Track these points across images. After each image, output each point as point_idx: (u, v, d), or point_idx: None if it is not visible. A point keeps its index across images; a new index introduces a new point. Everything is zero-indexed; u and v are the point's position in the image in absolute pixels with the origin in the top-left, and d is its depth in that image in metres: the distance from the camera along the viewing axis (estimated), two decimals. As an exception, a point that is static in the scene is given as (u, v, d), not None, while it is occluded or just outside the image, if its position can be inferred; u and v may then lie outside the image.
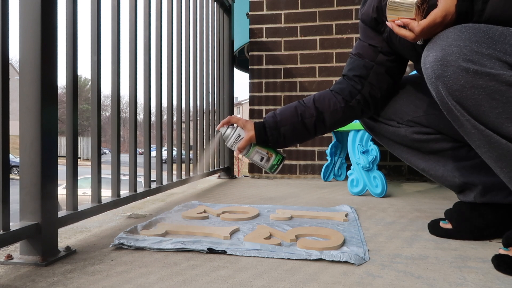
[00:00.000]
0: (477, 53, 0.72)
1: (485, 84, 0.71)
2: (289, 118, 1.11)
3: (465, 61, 0.73)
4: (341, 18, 2.41)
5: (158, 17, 1.51)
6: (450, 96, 0.76)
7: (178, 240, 0.93)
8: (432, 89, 0.80)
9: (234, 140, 1.11)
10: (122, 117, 1.24)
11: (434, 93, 0.80)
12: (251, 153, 1.12)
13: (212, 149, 1.25)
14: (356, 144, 1.70)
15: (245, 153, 1.12)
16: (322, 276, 0.74)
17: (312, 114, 1.11)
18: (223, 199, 1.61)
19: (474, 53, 0.73)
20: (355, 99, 1.11)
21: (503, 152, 0.73)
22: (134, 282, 0.71)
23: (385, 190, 1.67)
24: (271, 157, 1.11)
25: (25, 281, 0.71)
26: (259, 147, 1.11)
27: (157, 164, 1.51)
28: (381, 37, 1.10)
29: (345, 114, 1.13)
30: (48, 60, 0.82)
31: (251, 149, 1.11)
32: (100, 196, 1.09)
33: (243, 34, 2.81)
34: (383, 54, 1.10)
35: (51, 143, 0.83)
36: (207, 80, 2.11)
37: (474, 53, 0.73)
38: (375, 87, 1.11)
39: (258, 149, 1.11)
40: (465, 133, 0.79)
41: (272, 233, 1.00)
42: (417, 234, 1.06)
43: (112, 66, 1.19)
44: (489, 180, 1.00)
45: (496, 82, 0.70)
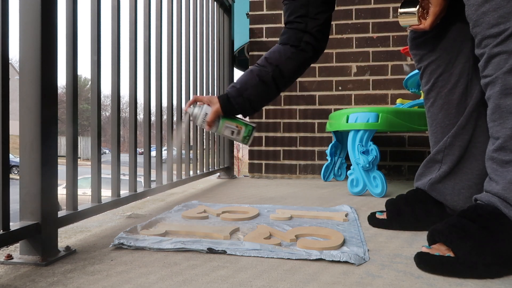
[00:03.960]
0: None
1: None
2: (248, 81, 1.13)
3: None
4: (341, 18, 2.41)
5: (158, 17, 1.51)
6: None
7: (178, 240, 0.93)
8: None
9: (202, 118, 1.12)
10: (122, 117, 1.24)
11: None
12: (221, 128, 1.13)
13: (181, 132, 1.27)
14: (356, 144, 1.70)
15: (215, 129, 1.13)
16: (322, 276, 0.74)
17: (267, 70, 1.13)
18: (223, 199, 1.61)
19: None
20: (303, 41, 1.13)
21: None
22: (134, 282, 0.71)
23: (385, 190, 1.67)
24: (240, 129, 1.12)
25: (25, 281, 0.71)
26: (227, 121, 1.12)
27: (157, 164, 1.51)
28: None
29: (299, 60, 1.14)
30: (48, 60, 0.82)
31: (220, 124, 1.12)
32: (100, 196, 1.09)
33: (243, 34, 2.81)
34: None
35: (51, 143, 0.83)
36: (207, 80, 2.11)
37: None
38: (317, 20, 1.13)
39: (227, 124, 1.12)
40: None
41: (272, 233, 1.00)
42: (417, 234, 1.06)
43: (112, 66, 1.19)
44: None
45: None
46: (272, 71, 1.12)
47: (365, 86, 2.39)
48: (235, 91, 1.12)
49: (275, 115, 2.50)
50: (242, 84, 1.13)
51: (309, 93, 2.46)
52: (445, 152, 1.09)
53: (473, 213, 0.82)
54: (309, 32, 1.13)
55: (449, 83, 1.09)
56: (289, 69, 1.14)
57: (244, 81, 1.14)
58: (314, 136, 2.45)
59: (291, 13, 1.15)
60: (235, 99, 1.12)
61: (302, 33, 1.13)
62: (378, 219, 1.14)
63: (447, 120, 1.10)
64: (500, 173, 0.81)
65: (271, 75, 1.12)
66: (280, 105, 2.49)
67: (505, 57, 0.79)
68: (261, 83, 1.12)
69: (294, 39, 1.13)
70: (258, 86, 1.12)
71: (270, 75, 1.12)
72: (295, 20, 1.14)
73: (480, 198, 0.85)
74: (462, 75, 1.08)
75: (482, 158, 0.97)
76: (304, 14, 1.12)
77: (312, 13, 1.12)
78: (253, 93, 1.12)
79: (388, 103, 2.36)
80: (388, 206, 1.16)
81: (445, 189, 1.08)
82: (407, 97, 2.27)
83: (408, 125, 1.76)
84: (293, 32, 1.14)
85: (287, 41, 1.15)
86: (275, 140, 2.50)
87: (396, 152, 2.37)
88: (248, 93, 1.12)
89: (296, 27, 1.14)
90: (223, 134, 1.15)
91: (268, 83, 1.13)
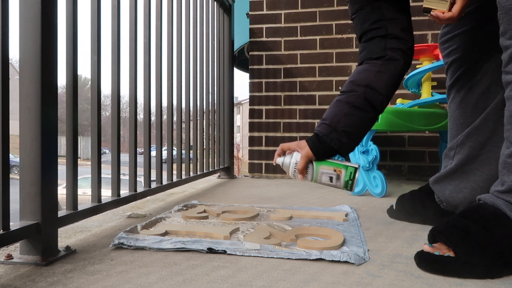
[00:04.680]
0: None
1: None
2: (338, 112, 0.98)
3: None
4: (341, 18, 2.41)
5: (158, 17, 1.51)
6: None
7: (178, 239, 0.93)
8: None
9: (293, 168, 0.99)
10: (122, 117, 1.24)
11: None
12: (317, 176, 0.98)
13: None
14: (356, 144, 1.70)
15: (310, 177, 0.99)
16: (322, 276, 0.74)
17: (357, 94, 0.98)
18: (223, 199, 1.61)
19: None
20: (388, 49, 0.98)
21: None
22: (134, 282, 0.71)
23: (385, 190, 1.67)
24: (340, 173, 0.97)
25: (25, 280, 0.71)
26: (322, 165, 0.98)
27: (157, 164, 1.51)
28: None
29: (391, 70, 0.99)
30: (48, 60, 0.82)
31: (314, 171, 0.98)
32: (100, 196, 1.09)
33: (243, 34, 2.81)
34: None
35: (51, 143, 0.83)
36: (207, 80, 2.11)
37: None
38: (397, 19, 0.99)
39: (322, 169, 0.97)
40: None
41: (272, 233, 1.00)
42: (417, 234, 1.06)
43: (112, 66, 1.19)
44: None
45: None
46: (363, 91, 0.97)
47: (365, 86, 2.39)
48: (325, 128, 0.98)
49: (275, 115, 2.50)
50: (332, 117, 0.98)
51: (309, 93, 2.45)
52: (456, 150, 1.09)
53: (475, 213, 0.82)
54: (391, 36, 0.98)
55: (470, 81, 1.07)
56: (383, 84, 0.98)
57: (333, 113, 0.99)
58: (314, 136, 2.45)
59: (364, 21, 1.01)
60: (328, 136, 0.98)
61: (384, 40, 0.98)
62: (392, 209, 1.26)
63: (461, 119, 1.09)
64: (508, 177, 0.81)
65: (363, 96, 0.97)
66: (280, 105, 2.49)
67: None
68: (354, 109, 0.97)
69: (376, 50, 0.99)
70: (351, 115, 0.97)
71: (362, 97, 0.97)
72: (371, 27, 0.99)
73: (484, 198, 0.84)
74: (485, 75, 1.04)
75: (496, 163, 0.90)
76: (380, 18, 0.99)
77: (389, 15, 0.99)
78: (347, 123, 0.97)
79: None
80: (398, 199, 1.25)
81: (448, 184, 1.09)
82: (407, 97, 2.27)
83: (408, 125, 1.76)
84: (373, 43, 1.00)
85: (369, 55, 1.00)
86: (275, 140, 2.50)
87: (396, 152, 2.37)
88: (342, 125, 0.97)
89: (374, 35, 1.00)
90: (320, 182, 0.99)
91: (362, 107, 0.97)
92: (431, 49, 1.96)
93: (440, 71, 2.25)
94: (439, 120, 1.87)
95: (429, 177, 2.36)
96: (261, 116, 2.52)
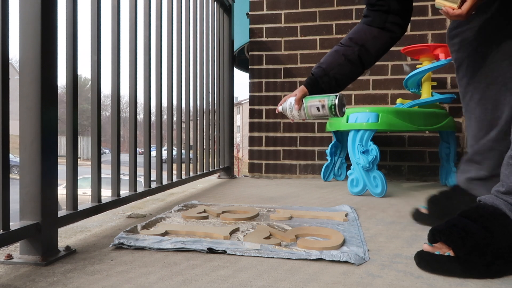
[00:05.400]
0: None
1: None
2: (334, 61, 1.16)
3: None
4: (341, 18, 2.41)
5: (158, 17, 1.51)
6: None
7: (178, 239, 0.93)
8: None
9: (289, 108, 1.16)
10: (122, 117, 1.24)
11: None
12: (307, 110, 1.14)
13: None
14: (356, 144, 1.70)
15: (303, 113, 1.15)
16: (322, 276, 0.74)
17: (353, 50, 1.16)
18: (223, 199, 1.61)
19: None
20: (388, 22, 1.15)
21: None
22: (134, 282, 0.71)
23: (385, 190, 1.67)
24: (324, 102, 1.12)
25: (25, 280, 0.71)
26: (310, 100, 1.14)
27: (157, 163, 1.51)
28: None
29: (386, 39, 1.16)
30: (48, 60, 0.82)
31: (305, 106, 1.14)
32: (100, 196, 1.09)
33: (243, 34, 2.81)
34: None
35: (51, 143, 0.83)
36: (207, 80, 2.11)
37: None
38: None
39: (310, 102, 1.13)
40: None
41: (272, 233, 1.00)
42: (417, 234, 1.06)
43: (112, 66, 1.19)
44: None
45: None
46: (358, 49, 1.15)
47: (365, 86, 2.39)
48: (321, 71, 1.16)
49: (275, 115, 2.50)
50: (328, 64, 1.16)
51: (309, 93, 2.45)
52: (484, 155, 1.06)
53: (475, 213, 0.82)
54: (393, 12, 1.14)
55: (488, 77, 1.05)
56: (376, 47, 1.16)
57: (329, 61, 1.17)
58: (314, 136, 2.45)
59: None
60: (322, 78, 1.16)
61: (386, 15, 1.14)
62: (421, 213, 1.16)
63: (483, 115, 1.07)
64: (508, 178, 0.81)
65: (357, 54, 1.15)
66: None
67: None
68: (346, 61, 1.15)
69: (378, 21, 1.15)
70: (344, 65, 1.16)
71: (356, 54, 1.15)
72: (377, 2, 1.15)
73: (484, 199, 0.84)
74: (502, 71, 1.03)
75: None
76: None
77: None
78: (339, 71, 1.16)
79: (388, 103, 2.36)
80: (430, 201, 1.16)
81: (484, 190, 1.04)
82: (407, 97, 2.27)
83: (408, 125, 1.76)
84: (376, 14, 1.16)
85: (371, 23, 1.17)
86: (275, 140, 2.50)
87: (396, 152, 2.37)
88: (335, 72, 1.15)
89: (379, 9, 1.15)
90: (312, 115, 1.15)
91: (354, 61, 1.16)
92: (431, 49, 1.96)
93: (440, 71, 2.25)
94: (439, 120, 1.87)
95: (429, 177, 2.36)
96: (261, 116, 2.52)
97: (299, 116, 1.17)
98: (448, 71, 2.30)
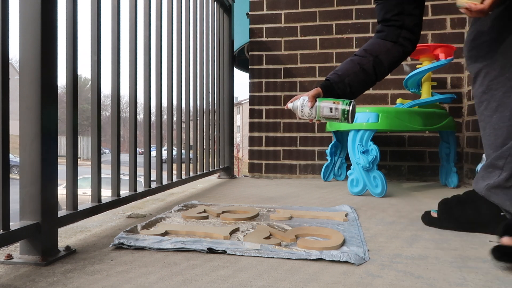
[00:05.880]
0: None
1: None
2: (349, 69, 1.22)
3: None
4: (341, 18, 2.41)
5: (158, 17, 1.51)
6: None
7: (178, 239, 0.93)
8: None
9: (301, 105, 1.18)
10: (122, 117, 1.24)
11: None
12: (319, 110, 1.16)
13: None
14: (356, 144, 1.70)
15: (314, 113, 1.17)
16: (322, 276, 0.74)
17: (368, 60, 1.22)
18: (223, 199, 1.61)
19: None
20: (402, 37, 1.21)
21: None
22: (134, 282, 0.71)
23: (385, 190, 1.67)
24: (338, 104, 1.15)
25: (25, 280, 0.71)
26: (324, 101, 1.16)
27: (157, 163, 1.51)
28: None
29: (398, 52, 1.23)
30: (48, 60, 0.82)
31: (318, 106, 1.16)
32: (100, 196, 1.09)
33: (243, 34, 2.81)
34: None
35: (51, 143, 0.83)
36: (207, 80, 2.11)
37: None
38: (413, 15, 1.21)
39: (324, 103, 1.16)
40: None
41: (272, 233, 1.00)
42: (417, 234, 1.06)
43: (112, 66, 1.19)
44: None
45: None
46: (372, 60, 1.21)
47: (365, 86, 2.39)
48: (337, 77, 1.21)
49: (275, 115, 2.50)
50: (343, 71, 1.22)
51: (309, 93, 2.45)
52: (508, 160, 1.05)
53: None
54: (406, 28, 1.20)
55: (505, 86, 1.06)
56: (389, 60, 1.22)
57: (345, 68, 1.22)
58: (314, 136, 2.45)
59: (387, 11, 1.22)
60: (337, 84, 1.20)
61: (399, 30, 1.21)
62: (431, 217, 1.17)
63: (501, 122, 1.07)
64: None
65: (372, 64, 1.21)
66: (280, 105, 2.49)
67: None
68: (361, 70, 1.21)
69: (392, 35, 1.22)
70: (358, 73, 1.21)
71: (371, 64, 1.21)
72: (392, 18, 1.21)
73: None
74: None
75: None
76: (400, 11, 1.20)
77: (408, 10, 1.20)
78: (353, 79, 1.21)
79: (388, 103, 2.36)
80: (441, 205, 1.17)
81: (506, 195, 1.04)
82: (407, 97, 2.27)
83: (408, 125, 1.76)
84: (390, 30, 1.22)
85: (385, 37, 1.23)
86: (275, 140, 2.50)
87: (396, 152, 2.37)
88: (350, 79, 1.20)
89: (393, 24, 1.21)
90: (322, 115, 1.17)
91: (369, 71, 1.21)
92: (431, 49, 1.96)
93: (440, 71, 2.25)
94: (439, 120, 1.87)
95: (429, 177, 2.36)
96: (261, 116, 2.52)
97: (309, 114, 1.18)
98: (448, 71, 2.30)
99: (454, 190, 1.89)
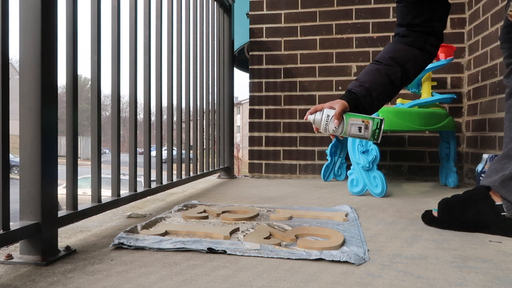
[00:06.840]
0: None
1: None
2: (377, 81, 1.11)
3: None
4: (341, 18, 2.41)
5: (158, 17, 1.51)
6: None
7: (178, 239, 0.93)
8: None
9: (325, 121, 1.08)
10: (122, 117, 1.24)
11: None
12: (347, 128, 1.07)
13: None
14: (356, 144, 1.70)
15: (340, 130, 1.07)
16: (322, 276, 0.74)
17: (396, 70, 1.12)
18: (223, 199, 1.61)
19: None
20: (429, 44, 1.13)
21: None
22: (134, 282, 0.71)
23: (385, 190, 1.67)
24: (368, 123, 1.06)
25: (25, 280, 0.71)
26: (352, 117, 1.07)
27: (157, 163, 1.51)
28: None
29: (425, 60, 1.15)
30: (48, 60, 0.82)
31: (345, 123, 1.07)
32: (100, 195, 1.09)
33: (243, 34, 2.81)
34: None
35: (51, 143, 0.83)
36: (207, 80, 2.11)
37: None
38: (442, 21, 1.14)
39: (352, 120, 1.06)
40: None
41: (272, 233, 1.00)
42: (417, 234, 1.06)
43: (112, 66, 1.19)
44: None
45: None
46: (401, 71, 1.11)
47: (365, 86, 2.39)
48: (364, 90, 1.10)
49: (275, 115, 2.50)
50: (371, 83, 1.11)
51: (309, 93, 2.46)
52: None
53: None
54: (434, 34, 1.13)
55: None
56: (415, 69, 1.14)
57: (373, 80, 1.11)
58: (314, 136, 2.45)
59: (416, 16, 1.13)
60: (365, 98, 1.10)
61: (427, 36, 1.13)
62: (431, 216, 1.16)
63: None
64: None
65: (400, 75, 1.11)
66: (280, 105, 2.49)
67: None
68: (389, 83, 1.11)
69: (419, 42, 1.13)
70: (387, 86, 1.11)
71: (399, 75, 1.11)
72: (422, 23, 1.12)
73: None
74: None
75: None
76: (431, 17, 1.12)
77: (438, 16, 1.13)
78: (381, 92, 1.11)
79: (388, 103, 2.36)
80: (441, 205, 1.15)
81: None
82: (407, 97, 2.27)
83: (408, 125, 1.76)
84: (418, 35, 1.13)
85: (411, 43, 1.13)
86: (275, 140, 2.50)
87: (396, 152, 2.37)
88: (377, 93, 1.11)
89: (422, 30, 1.13)
90: (349, 133, 1.08)
91: (396, 83, 1.12)
92: (431, 49, 1.96)
93: (440, 71, 2.26)
94: (439, 120, 1.87)
95: (429, 177, 2.36)
96: (261, 116, 2.52)
97: (335, 131, 1.08)
98: (448, 71, 2.30)
99: (454, 190, 1.89)
